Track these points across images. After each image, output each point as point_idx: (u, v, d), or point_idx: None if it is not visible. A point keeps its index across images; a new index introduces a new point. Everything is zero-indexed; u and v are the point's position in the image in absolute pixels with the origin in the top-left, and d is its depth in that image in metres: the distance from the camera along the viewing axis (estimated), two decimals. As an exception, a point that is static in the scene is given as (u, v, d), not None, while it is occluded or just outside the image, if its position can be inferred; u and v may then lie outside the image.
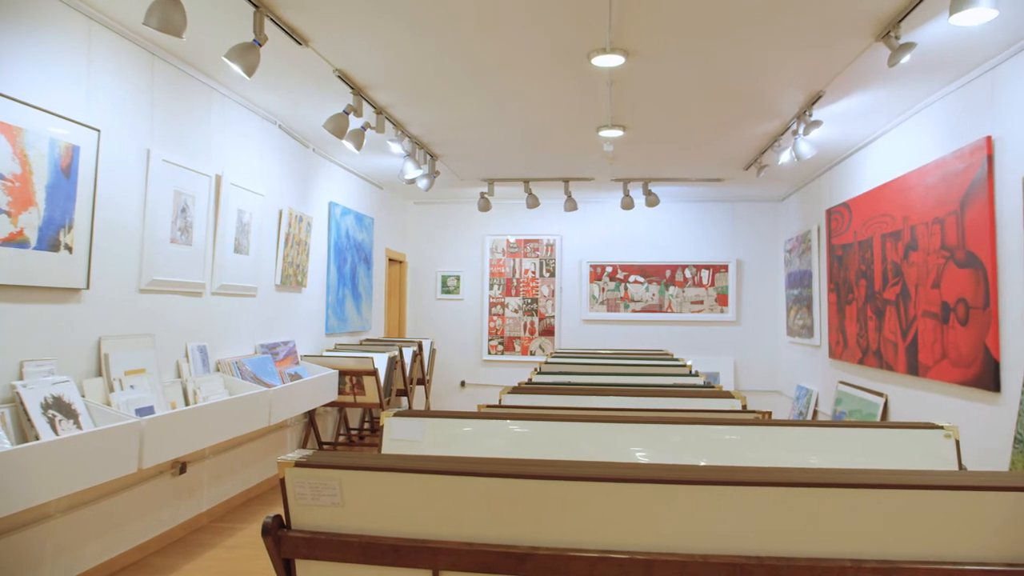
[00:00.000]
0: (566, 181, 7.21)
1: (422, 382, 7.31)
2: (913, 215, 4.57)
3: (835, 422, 2.20)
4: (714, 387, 3.54)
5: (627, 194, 7.19)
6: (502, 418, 2.25)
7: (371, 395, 5.72)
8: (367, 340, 7.03)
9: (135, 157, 3.64)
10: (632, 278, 8.48)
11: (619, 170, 6.81)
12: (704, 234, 8.43)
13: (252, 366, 4.66)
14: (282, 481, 1.44)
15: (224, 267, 4.45)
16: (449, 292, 8.79)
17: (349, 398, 5.77)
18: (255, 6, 3.15)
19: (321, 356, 5.69)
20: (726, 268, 8.35)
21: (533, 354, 8.58)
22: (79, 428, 2.99)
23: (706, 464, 2.04)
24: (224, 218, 4.41)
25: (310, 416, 5.88)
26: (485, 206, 7.28)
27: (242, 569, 3.68)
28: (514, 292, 8.68)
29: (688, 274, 8.40)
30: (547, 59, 3.85)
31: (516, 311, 8.66)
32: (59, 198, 3.05)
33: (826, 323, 6.47)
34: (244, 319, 4.84)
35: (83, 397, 3.14)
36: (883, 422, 2.97)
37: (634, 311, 8.45)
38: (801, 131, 4.64)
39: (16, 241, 2.84)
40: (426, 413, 2.24)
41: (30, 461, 2.54)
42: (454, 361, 8.71)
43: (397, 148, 5.36)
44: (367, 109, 4.63)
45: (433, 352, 7.86)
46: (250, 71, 3.19)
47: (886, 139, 5.13)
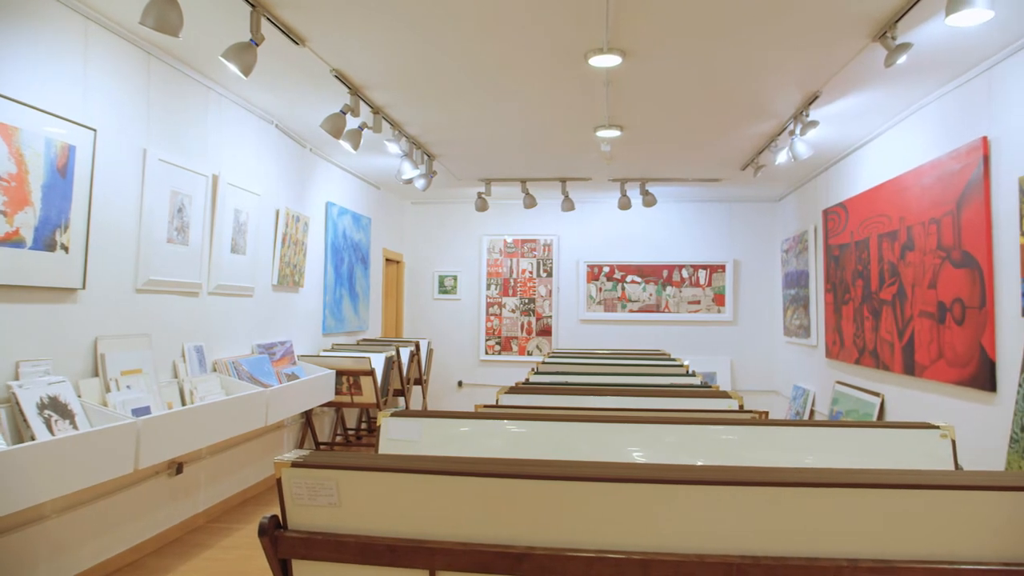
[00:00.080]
0: (563, 181, 7.21)
1: (419, 382, 7.30)
2: (909, 215, 4.58)
3: (832, 422, 2.21)
4: (711, 387, 3.55)
5: (624, 194, 7.19)
6: (499, 418, 2.25)
7: (368, 395, 5.71)
8: (364, 340, 7.02)
9: (131, 157, 3.63)
10: (629, 278, 8.48)
11: (616, 170, 6.81)
12: (701, 234, 8.44)
13: (249, 366, 4.65)
14: (279, 481, 1.44)
15: (221, 267, 4.44)
16: (446, 292, 8.79)
17: (346, 398, 5.76)
18: (252, 5, 3.14)
19: (318, 356, 5.68)
20: (723, 268, 8.36)
21: (530, 354, 8.58)
22: (75, 428, 2.99)
23: (703, 464, 2.04)
24: (221, 218, 4.40)
25: (307, 416, 5.88)
26: (482, 206, 7.28)
27: (239, 570, 3.67)
28: (511, 292, 8.67)
29: (685, 274, 8.40)
30: (544, 59, 3.85)
31: (513, 311, 8.66)
32: (55, 198, 3.05)
33: (823, 323, 6.48)
34: (241, 319, 4.83)
35: (79, 397, 3.14)
36: (879, 422, 2.98)
37: (631, 311, 8.46)
38: (798, 131, 4.64)
39: (12, 241, 2.84)
40: (423, 413, 2.24)
41: (26, 461, 2.53)
42: (451, 361, 8.70)
43: (394, 148, 5.35)
44: (364, 109, 4.63)
45: (430, 352, 7.85)
46: (247, 71, 3.19)
47: (883, 139, 5.14)
